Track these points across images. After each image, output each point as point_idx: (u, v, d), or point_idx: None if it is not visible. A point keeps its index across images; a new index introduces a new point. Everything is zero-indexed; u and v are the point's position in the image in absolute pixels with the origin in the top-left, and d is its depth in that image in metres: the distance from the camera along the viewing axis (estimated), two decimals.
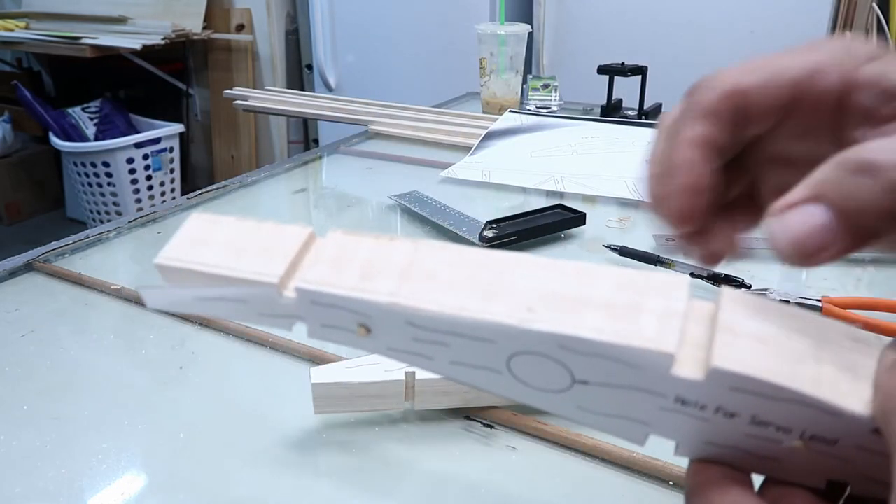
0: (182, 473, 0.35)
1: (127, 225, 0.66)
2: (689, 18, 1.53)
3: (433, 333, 0.21)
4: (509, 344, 0.20)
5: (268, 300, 0.22)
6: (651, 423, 0.20)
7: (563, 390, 0.20)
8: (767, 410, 0.18)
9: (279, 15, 2.36)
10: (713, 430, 0.19)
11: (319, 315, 0.22)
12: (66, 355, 0.45)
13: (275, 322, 0.23)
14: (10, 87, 2.32)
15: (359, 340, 0.22)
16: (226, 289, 0.22)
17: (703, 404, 0.19)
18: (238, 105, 1.11)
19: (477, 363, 0.21)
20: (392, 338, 0.22)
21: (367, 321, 0.21)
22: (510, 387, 0.21)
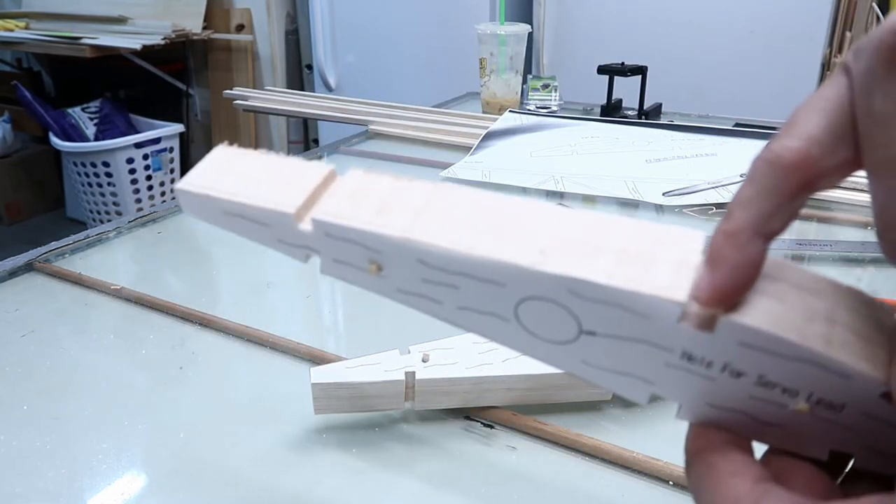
0: (182, 473, 0.35)
1: (127, 225, 0.66)
2: (689, 18, 1.53)
3: (443, 273, 0.20)
4: (519, 287, 0.19)
5: (285, 227, 0.23)
6: (655, 382, 0.20)
7: (569, 341, 0.20)
8: (775, 370, 0.18)
9: (279, 15, 2.36)
10: (718, 391, 0.19)
11: (333, 249, 0.22)
12: (66, 355, 0.45)
13: (291, 251, 0.23)
14: (10, 87, 2.32)
15: (369, 279, 0.22)
16: (247, 206, 0.23)
17: (709, 361, 0.18)
18: (238, 105, 1.11)
19: (485, 308, 0.21)
20: (402, 277, 0.21)
21: (379, 258, 0.21)
22: (516, 337, 0.21)
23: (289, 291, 0.54)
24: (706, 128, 0.88)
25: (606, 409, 0.39)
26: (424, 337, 0.39)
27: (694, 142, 0.83)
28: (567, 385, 0.37)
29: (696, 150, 0.81)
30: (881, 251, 0.18)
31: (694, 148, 0.81)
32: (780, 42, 1.46)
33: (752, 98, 1.49)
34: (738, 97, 1.49)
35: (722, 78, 1.52)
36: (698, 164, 0.77)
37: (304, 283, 0.56)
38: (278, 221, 0.23)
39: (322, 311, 0.52)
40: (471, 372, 0.36)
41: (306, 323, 0.50)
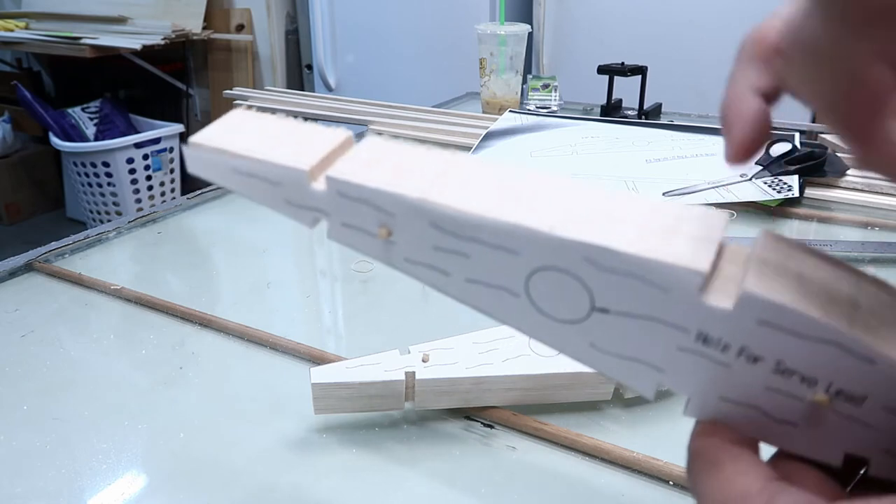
0: (182, 473, 0.35)
1: (127, 225, 0.66)
2: (689, 18, 1.53)
3: (455, 239, 0.20)
4: (533, 256, 0.19)
5: (297, 186, 0.22)
6: (665, 370, 0.19)
7: (579, 320, 0.19)
8: (795, 354, 0.17)
9: (279, 15, 2.36)
10: (731, 381, 0.18)
11: (343, 211, 0.22)
12: (66, 355, 0.45)
13: (298, 213, 0.22)
14: (10, 87, 2.32)
15: (378, 246, 0.21)
16: (261, 165, 0.22)
17: (726, 343, 0.17)
18: (238, 105, 1.11)
19: (494, 281, 0.20)
20: (412, 244, 0.21)
21: (391, 221, 0.21)
22: (525, 315, 0.20)
23: (289, 291, 0.54)
24: (706, 128, 0.88)
25: (606, 409, 0.39)
26: (424, 337, 0.39)
27: (694, 142, 0.83)
28: (567, 385, 0.37)
29: (696, 150, 0.81)
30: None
31: (694, 148, 0.81)
32: None
33: None
34: None
35: (722, 78, 1.49)
36: (698, 164, 0.77)
37: (304, 283, 0.56)
38: (290, 180, 0.22)
39: (322, 311, 0.52)
40: (471, 372, 0.36)
41: (306, 323, 0.50)
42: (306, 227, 0.23)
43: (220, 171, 0.23)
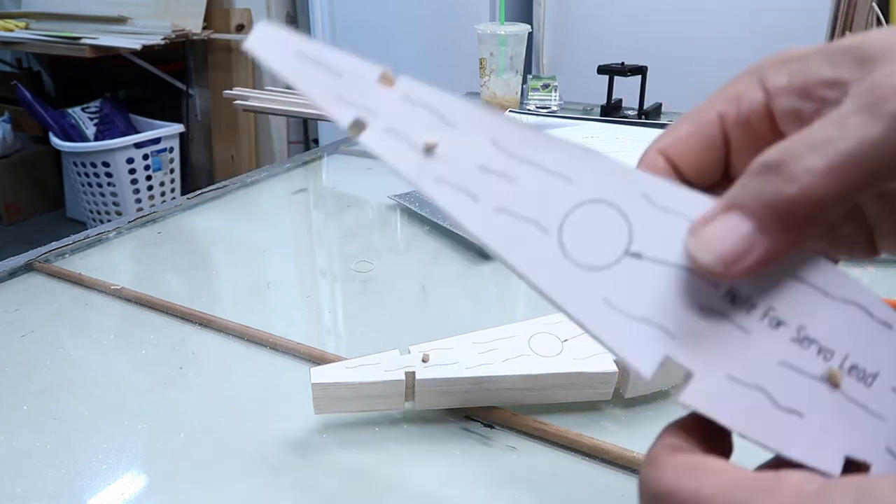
0: (182, 473, 0.35)
1: (127, 225, 0.66)
2: (689, 18, 1.53)
3: (509, 160, 0.20)
4: (590, 185, 0.19)
5: (360, 81, 0.22)
6: (678, 336, 0.18)
7: (603, 267, 0.19)
8: (819, 317, 0.17)
9: (279, 15, 2.36)
10: (745, 355, 0.17)
11: (397, 115, 0.21)
12: (66, 355, 0.45)
13: (340, 111, 0.21)
14: (10, 87, 2.32)
15: (412, 159, 0.21)
16: (329, 53, 0.22)
17: (754, 302, 0.17)
18: (238, 105, 1.11)
19: (528, 212, 0.19)
20: (455, 162, 0.20)
21: (444, 134, 0.20)
22: (545, 256, 0.19)
23: (289, 291, 0.54)
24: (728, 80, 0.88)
25: (606, 409, 0.39)
26: (424, 337, 0.39)
27: None
28: (567, 385, 0.37)
29: None
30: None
31: None
32: (780, 42, 1.46)
33: None
34: None
35: (722, 78, 1.50)
36: None
37: (304, 283, 0.56)
38: (357, 73, 0.22)
39: (322, 311, 0.52)
40: (471, 372, 0.36)
41: (306, 323, 0.50)
42: (341, 125, 0.22)
43: (282, 51, 0.22)
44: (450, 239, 0.62)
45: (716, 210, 0.18)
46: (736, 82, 0.21)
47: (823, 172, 0.16)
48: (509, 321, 0.40)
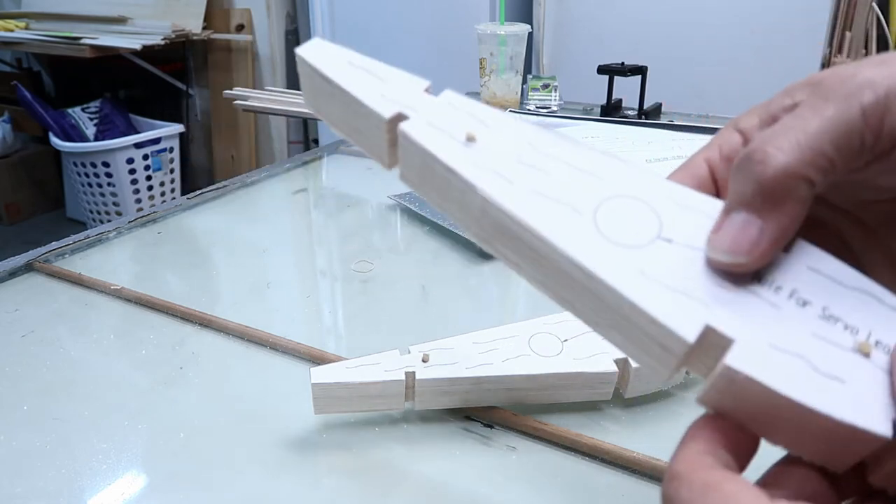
0: (182, 473, 0.35)
1: (127, 225, 0.66)
2: (689, 18, 1.53)
3: (546, 157, 0.21)
4: (619, 184, 0.21)
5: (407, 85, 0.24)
6: (711, 305, 0.18)
7: (636, 246, 0.20)
8: (839, 300, 0.19)
9: (279, 15, 2.36)
10: (781, 326, 0.18)
11: (437, 113, 0.23)
12: (66, 355, 0.45)
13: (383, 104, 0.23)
14: (10, 87, 2.32)
15: (452, 148, 0.22)
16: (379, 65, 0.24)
17: (779, 285, 0.19)
18: (238, 105, 1.11)
19: (563, 197, 0.21)
20: (493, 152, 0.22)
21: (484, 131, 0.22)
22: (578, 232, 0.20)
23: (289, 291, 0.54)
24: (706, 128, 0.88)
25: (606, 409, 0.39)
26: (424, 337, 0.39)
27: (694, 142, 0.83)
28: (567, 385, 0.37)
29: (696, 149, 0.81)
30: None
31: (694, 148, 0.81)
32: (780, 42, 1.46)
33: (752, 98, 1.48)
34: (738, 97, 1.49)
35: (722, 78, 1.52)
36: None
37: (304, 283, 0.56)
38: (404, 80, 0.24)
39: (322, 311, 0.52)
40: (471, 372, 0.36)
41: (306, 323, 0.50)
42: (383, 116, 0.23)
43: (334, 59, 0.24)
44: (450, 239, 0.62)
45: (721, 216, 0.20)
46: (716, 136, 0.24)
47: (792, 147, 0.18)
48: (509, 321, 0.40)
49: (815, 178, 0.19)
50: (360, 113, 0.23)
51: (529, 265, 0.21)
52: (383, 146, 0.23)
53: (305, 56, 0.24)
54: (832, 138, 0.18)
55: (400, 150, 0.23)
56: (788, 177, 0.18)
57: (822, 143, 0.18)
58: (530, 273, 0.21)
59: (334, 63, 0.24)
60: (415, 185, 0.24)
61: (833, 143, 0.18)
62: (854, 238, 0.24)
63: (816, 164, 0.18)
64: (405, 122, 0.22)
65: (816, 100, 0.19)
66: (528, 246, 0.20)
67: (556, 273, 0.20)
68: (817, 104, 0.19)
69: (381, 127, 0.23)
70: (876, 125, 0.18)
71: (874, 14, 1.50)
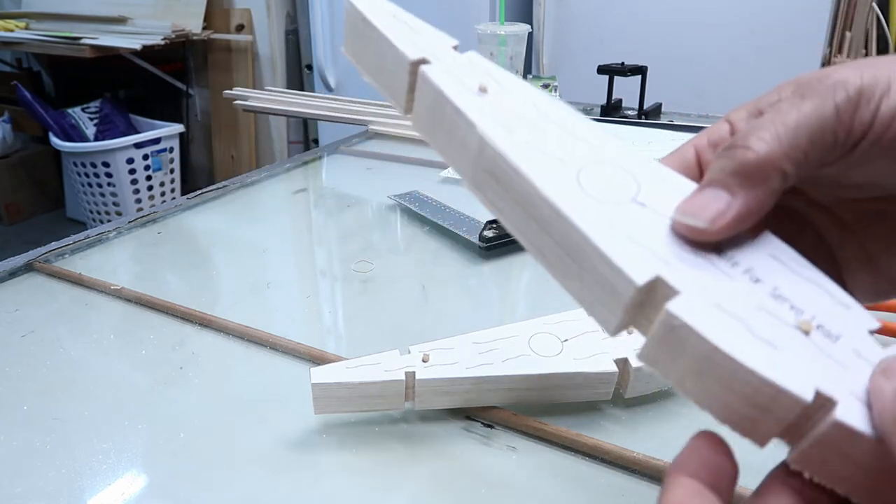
0: (182, 473, 0.35)
1: (127, 225, 0.66)
2: (689, 18, 1.53)
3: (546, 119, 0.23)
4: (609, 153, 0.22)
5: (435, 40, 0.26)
6: (671, 264, 0.20)
7: (611, 203, 0.21)
8: (790, 286, 0.20)
9: (279, 15, 2.36)
10: (729, 292, 0.19)
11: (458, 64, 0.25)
12: (66, 355, 0.45)
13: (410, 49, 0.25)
14: (10, 87, 2.32)
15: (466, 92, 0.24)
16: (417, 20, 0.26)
17: (736, 261, 0.20)
18: (238, 105, 1.11)
19: (554, 151, 0.22)
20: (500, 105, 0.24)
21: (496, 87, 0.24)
22: (558, 182, 0.21)
23: (289, 291, 0.54)
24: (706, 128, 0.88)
25: (606, 409, 0.39)
26: (424, 337, 0.39)
27: None
28: (567, 385, 0.37)
29: None
30: None
31: None
32: (780, 42, 1.46)
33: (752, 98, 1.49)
34: (738, 97, 1.48)
35: (722, 78, 1.52)
36: None
37: (304, 283, 0.56)
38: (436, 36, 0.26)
39: (322, 311, 0.52)
40: (471, 372, 0.36)
41: (306, 323, 0.50)
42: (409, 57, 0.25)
43: (380, 9, 0.26)
44: (450, 239, 0.62)
45: (695, 190, 0.21)
46: (707, 128, 0.25)
47: (772, 137, 0.20)
48: (509, 321, 0.40)
49: (789, 170, 0.20)
50: (389, 56, 0.25)
51: (511, 209, 0.23)
52: (404, 88, 0.25)
53: (356, 2, 0.26)
54: (808, 133, 0.20)
55: (417, 92, 0.25)
56: (767, 164, 0.20)
57: (799, 137, 0.20)
58: (511, 218, 0.23)
59: (380, 12, 0.26)
60: (423, 128, 0.25)
61: (808, 137, 0.20)
62: (832, 234, 0.25)
63: (792, 157, 0.20)
64: (426, 66, 0.24)
65: (797, 96, 0.21)
66: (513, 189, 0.22)
67: (534, 216, 0.22)
68: (796, 100, 0.21)
69: (405, 68, 0.25)
70: (847, 121, 0.20)
71: (874, 14, 1.50)
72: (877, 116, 0.20)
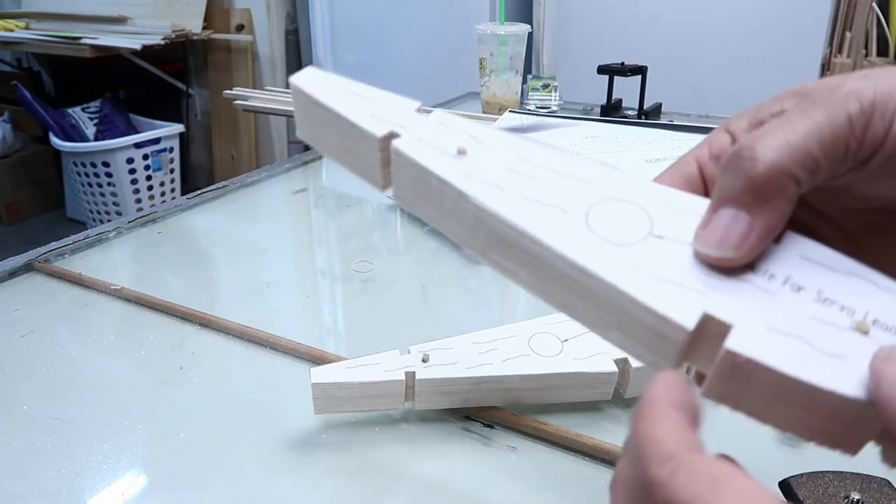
0: (182, 473, 0.35)
1: (127, 225, 0.66)
2: (689, 18, 1.53)
3: (535, 167, 0.22)
4: (609, 188, 0.21)
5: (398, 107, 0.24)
6: (708, 294, 0.19)
7: (629, 244, 0.20)
8: (833, 285, 0.19)
9: (279, 15, 2.36)
10: (777, 310, 0.18)
11: (429, 130, 0.23)
12: (66, 355, 0.45)
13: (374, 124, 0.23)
14: (10, 87, 2.32)
15: (444, 161, 0.22)
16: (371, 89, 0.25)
17: (772, 273, 0.19)
18: (238, 105, 1.11)
19: (554, 201, 0.21)
20: (483, 163, 0.22)
21: (474, 145, 0.23)
22: (572, 232, 0.20)
23: (289, 291, 0.54)
24: (706, 128, 0.88)
25: (606, 409, 0.39)
26: (424, 337, 0.39)
27: (693, 142, 0.83)
28: (567, 385, 0.37)
29: None
30: None
31: None
32: (780, 42, 1.46)
33: (752, 98, 1.48)
34: (738, 97, 1.49)
35: (722, 78, 1.52)
36: None
37: (304, 283, 0.56)
38: (395, 102, 0.24)
39: (322, 311, 0.52)
40: (471, 372, 0.36)
41: (306, 323, 0.50)
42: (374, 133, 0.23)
43: (327, 86, 0.25)
44: (449, 239, 0.62)
45: (709, 212, 0.20)
46: (707, 137, 0.24)
47: (781, 145, 0.19)
48: (509, 321, 0.40)
49: (801, 176, 0.19)
50: (353, 135, 0.24)
51: (525, 271, 0.21)
52: (377, 166, 0.24)
53: (299, 84, 0.25)
54: (819, 141, 0.19)
55: (393, 168, 0.24)
56: (777, 173, 0.19)
57: (809, 144, 0.19)
58: (526, 279, 0.21)
59: (327, 89, 0.25)
60: (409, 203, 0.24)
61: (820, 146, 0.19)
62: (834, 243, 0.24)
63: (804, 164, 0.19)
64: (397, 140, 0.23)
65: (805, 105, 0.20)
66: (522, 250, 0.21)
67: (552, 275, 0.20)
68: (806, 109, 0.20)
69: (374, 146, 0.23)
70: (860, 133, 0.19)
71: (874, 14, 1.50)
72: (890, 132, 0.19)
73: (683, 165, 0.24)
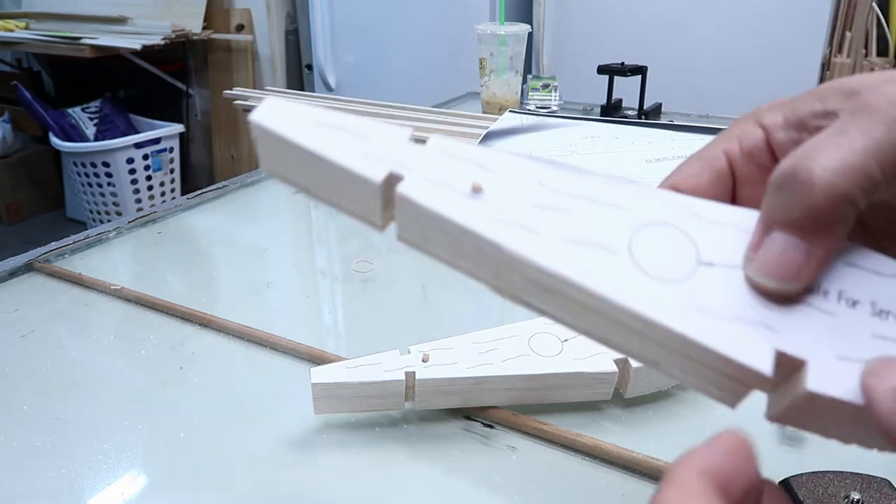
0: (182, 473, 0.35)
1: (127, 225, 0.66)
2: (689, 18, 1.53)
3: (561, 196, 0.20)
4: (643, 211, 0.20)
5: (391, 140, 0.21)
6: (777, 328, 0.18)
7: (683, 279, 0.19)
8: (883, 293, 0.18)
9: (279, 15, 2.36)
10: (841, 333, 0.18)
11: (433, 166, 0.20)
12: (66, 355, 0.45)
13: (369, 166, 0.20)
14: (10, 87, 2.32)
15: (460, 202, 0.20)
16: (352, 119, 0.21)
17: (826, 288, 0.19)
18: (238, 105, 1.11)
19: (594, 239, 0.19)
20: (506, 201, 0.20)
21: (488, 178, 0.20)
22: (623, 276, 0.19)
23: (289, 291, 0.54)
24: (706, 128, 0.88)
25: (606, 409, 0.39)
26: (424, 337, 0.39)
27: (694, 142, 0.83)
28: (567, 385, 0.37)
29: (695, 149, 0.81)
30: None
31: (694, 148, 0.81)
32: (780, 42, 1.46)
33: (752, 98, 1.49)
34: (738, 97, 1.49)
35: (722, 78, 1.52)
36: None
37: (304, 283, 0.56)
38: (386, 134, 0.21)
39: (322, 311, 0.52)
40: (471, 372, 0.36)
41: (306, 323, 0.50)
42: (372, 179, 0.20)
43: (297, 122, 0.21)
44: None
45: (759, 233, 0.19)
46: (735, 126, 0.23)
47: (839, 167, 0.18)
48: (509, 321, 0.40)
49: (860, 199, 0.18)
50: (342, 179, 0.20)
51: (571, 316, 0.20)
52: (375, 209, 0.21)
53: (262, 122, 0.21)
54: (879, 160, 0.18)
55: (398, 213, 0.21)
56: (838, 199, 0.18)
57: (869, 164, 0.18)
58: (572, 323, 0.20)
59: (299, 125, 0.21)
60: (417, 246, 0.22)
61: (879, 165, 0.18)
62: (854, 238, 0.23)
63: (863, 186, 0.18)
64: (402, 184, 0.20)
65: (861, 117, 0.18)
66: (567, 298, 0.19)
67: (604, 321, 0.19)
68: (863, 122, 0.18)
69: (374, 193, 0.20)
70: None
71: (874, 14, 1.50)
72: None
73: (712, 160, 0.22)
